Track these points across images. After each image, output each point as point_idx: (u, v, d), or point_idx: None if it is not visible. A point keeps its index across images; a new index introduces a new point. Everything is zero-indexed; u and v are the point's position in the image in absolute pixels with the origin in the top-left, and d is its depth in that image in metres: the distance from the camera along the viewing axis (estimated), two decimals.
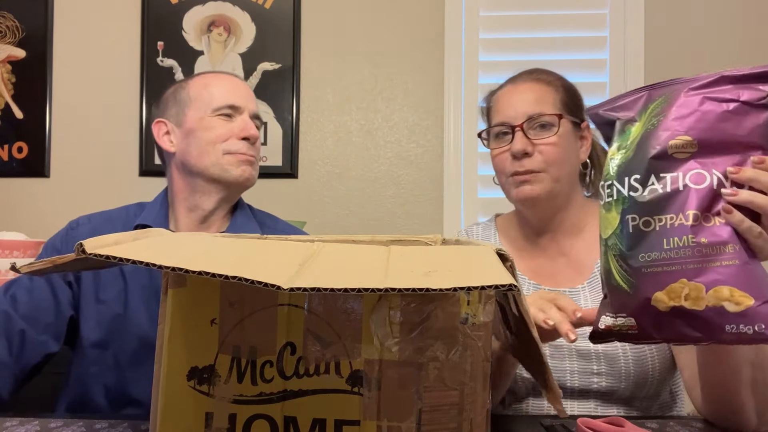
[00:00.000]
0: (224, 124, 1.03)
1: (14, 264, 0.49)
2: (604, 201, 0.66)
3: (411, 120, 1.96)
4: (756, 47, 1.91)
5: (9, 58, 1.98)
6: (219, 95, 1.04)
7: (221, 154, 1.02)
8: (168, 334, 0.49)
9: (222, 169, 1.02)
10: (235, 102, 1.04)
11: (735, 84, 0.62)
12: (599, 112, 0.71)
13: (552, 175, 0.97)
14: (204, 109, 1.03)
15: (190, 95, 1.05)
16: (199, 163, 1.02)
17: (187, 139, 1.04)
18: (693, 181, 0.60)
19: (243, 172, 1.03)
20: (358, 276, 0.40)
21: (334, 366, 0.46)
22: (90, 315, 0.98)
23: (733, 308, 0.57)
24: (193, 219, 1.05)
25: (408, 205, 1.95)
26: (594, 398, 0.92)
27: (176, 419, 0.48)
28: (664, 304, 0.60)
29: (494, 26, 1.93)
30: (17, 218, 1.96)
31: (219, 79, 1.07)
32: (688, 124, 0.61)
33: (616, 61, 1.91)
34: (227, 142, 1.02)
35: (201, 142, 1.02)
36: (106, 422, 0.70)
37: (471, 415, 0.46)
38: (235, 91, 1.06)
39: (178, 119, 1.05)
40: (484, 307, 0.46)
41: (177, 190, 1.06)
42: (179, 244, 0.50)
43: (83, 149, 1.98)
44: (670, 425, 0.73)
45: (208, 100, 1.04)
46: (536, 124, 0.96)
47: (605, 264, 0.66)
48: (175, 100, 1.07)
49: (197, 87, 1.06)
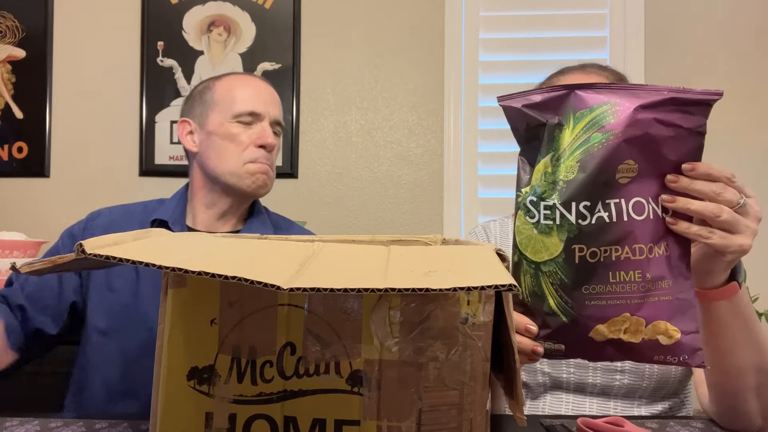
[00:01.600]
0: (243, 130, 1.04)
1: (14, 264, 0.49)
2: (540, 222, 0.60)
3: (411, 120, 1.96)
4: (756, 47, 1.91)
5: (9, 58, 1.98)
6: (241, 101, 1.04)
7: (241, 164, 1.03)
8: (168, 334, 0.49)
9: (238, 179, 1.03)
10: (256, 108, 1.05)
11: (681, 107, 0.59)
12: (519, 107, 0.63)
13: None
14: (225, 113, 1.04)
15: (215, 98, 1.06)
16: (216, 168, 1.04)
17: (207, 141, 1.05)
18: (635, 211, 0.58)
19: (258, 187, 1.05)
20: (358, 276, 0.40)
21: (334, 366, 0.46)
22: (99, 303, 1.00)
23: (665, 341, 0.58)
24: (210, 215, 1.07)
25: (408, 205, 1.95)
26: (614, 397, 0.91)
27: (176, 419, 0.48)
28: (603, 336, 0.59)
29: (494, 26, 1.93)
30: (17, 218, 1.96)
31: (244, 83, 1.07)
32: (637, 148, 0.58)
33: (616, 61, 1.91)
34: (248, 151, 1.03)
35: (220, 148, 1.03)
36: (105, 422, 0.70)
37: (471, 415, 0.46)
38: (257, 96, 1.06)
39: (201, 120, 1.07)
40: (484, 307, 0.46)
41: (197, 187, 1.08)
42: (179, 244, 0.50)
43: (83, 149, 1.98)
44: (670, 425, 0.73)
45: (229, 105, 1.04)
46: None
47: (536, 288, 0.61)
48: (201, 100, 1.08)
49: (222, 90, 1.06)
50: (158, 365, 0.49)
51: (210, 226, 1.08)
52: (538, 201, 0.61)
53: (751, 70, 1.91)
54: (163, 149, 1.96)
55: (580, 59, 1.89)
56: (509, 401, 0.57)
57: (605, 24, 1.91)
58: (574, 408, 0.92)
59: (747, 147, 1.91)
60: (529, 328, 0.62)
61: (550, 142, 0.61)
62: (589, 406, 0.91)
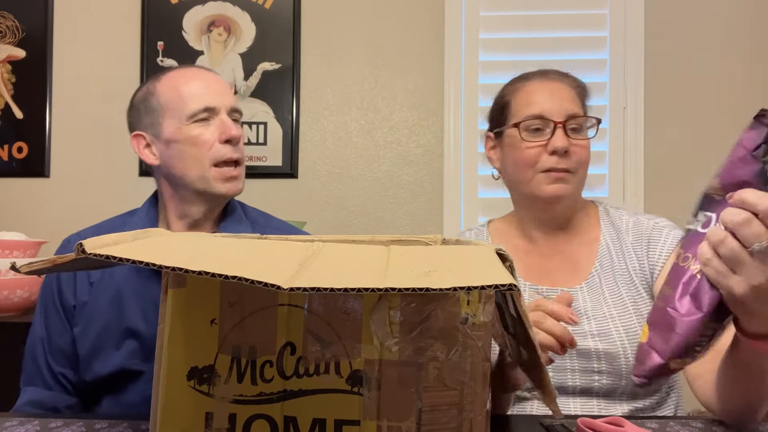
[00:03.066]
0: (204, 129, 0.97)
1: (14, 264, 0.49)
2: None
3: (411, 120, 1.96)
4: (756, 47, 1.91)
5: (9, 58, 1.98)
6: (191, 99, 0.96)
7: (208, 167, 0.97)
8: (168, 334, 0.49)
9: (207, 184, 0.97)
10: (209, 103, 0.97)
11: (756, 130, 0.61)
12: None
13: (580, 177, 0.98)
14: (178, 117, 0.96)
15: (161, 102, 0.98)
16: (184, 176, 0.98)
17: (167, 150, 0.98)
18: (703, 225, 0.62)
19: (228, 189, 0.99)
20: (358, 276, 0.40)
21: (334, 366, 0.46)
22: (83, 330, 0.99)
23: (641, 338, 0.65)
24: (184, 224, 1.03)
25: (408, 205, 1.95)
26: (596, 397, 0.92)
27: (176, 419, 0.48)
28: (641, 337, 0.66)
29: (494, 26, 1.93)
30: (17, 218, 1.96)
31: (186, 78, 0.99)
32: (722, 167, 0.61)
33: (616, 61, 1.91)
34: (212, 151, 0.97)
35: (183, 155, 0.97)
36: (105, 422, 0.70)
37: (471, 415, 0.46)
38: (207, 89, 0.98)
39: (154, 130, 0.99)
40: (484, 307, 0.46)
41: (166, 199, 1.03)
42: (179, 244, 0.50)
43: (83, 149, 1.98)
44: (670, 425, 0.73)
45: (180, 107, 0.96)
46: (574, 124, 0.96)
47: None
48: (147, 109, 1.00)
49: (166, 92, 0.98)
50: (158, 365, 0.49)
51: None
52: None
53: (751, 70, 1.91)
54: None
55: (580, 59, 1.90)
56: (542, 396, 0.58)
57: (605, 24, 1.91)
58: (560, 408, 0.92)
59: None
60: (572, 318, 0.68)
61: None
62: (573, 406, 0.92)
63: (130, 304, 0.98)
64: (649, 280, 0.95)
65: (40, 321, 1.01)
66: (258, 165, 1.94)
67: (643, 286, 0.95)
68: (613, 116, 1.91)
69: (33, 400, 0.97)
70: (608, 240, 1.00)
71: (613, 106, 1.91)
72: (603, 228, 1.02)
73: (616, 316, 0.92)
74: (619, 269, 0.97)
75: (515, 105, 1.00)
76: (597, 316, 0.93)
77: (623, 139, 1.92)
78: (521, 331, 0.52)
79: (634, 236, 0.99)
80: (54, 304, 1.01)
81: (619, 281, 0.96)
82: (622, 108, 1.92)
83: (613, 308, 0.93)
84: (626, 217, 1.02)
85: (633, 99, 1.91)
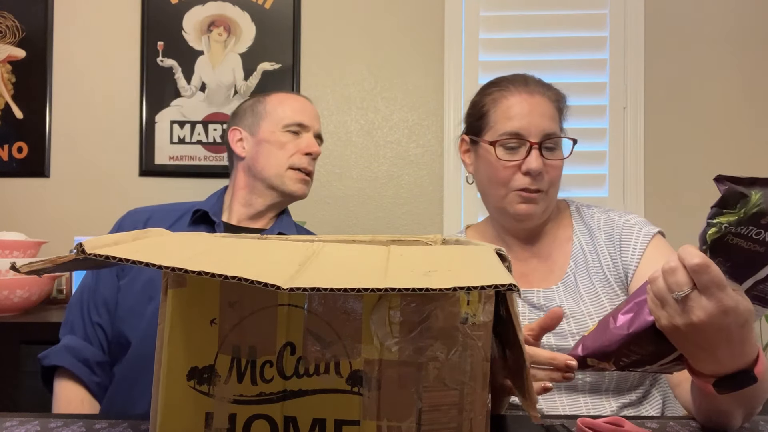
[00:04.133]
0: (292, 139, 1.17)
1: (14, 264, 0.49)
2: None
3: (411, 120, 1.96)
4: (756, 47, 1.91)
5: (9, 58, 1.98)
6: (291, 113, 1.18)
7: (285, 168, 1.16)
8: (168, 334, 0.49)
9: (282, 181, 1.16)
10: (304, 121, 1.18)
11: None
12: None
13: (551, 195, 0.98)
14: (276, 123, 1.17)
15: (267, 109, 1.19)
16: (264, 170, 1.16)
17: (257, 147, 1.17)
18: None
19: (299, 189, 1.18)
20: (358, 276, 0.40)
21: (334, 366, 0.46)
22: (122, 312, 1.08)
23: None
24: (246, 213, 1.18)
25: (408, 205, 1.95)
26: (582, 393, 0.92)
27: (176, 419, 0.48)
28: None
29: (494, 26, 1.93)
30: (17, 218, 1.96)
31: (292, 99, 1.22)
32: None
33: (616, 61, 1.91)
34: (293, 157, 1.16)
35: (270, 153, 1.16)
36: (106, 422, 0.70)
37: (471, 415, 0.46)
38: (304, 111, 1.19)
39: (252, 129, 1.19)
40: (484, 307, 0.46)
41: (238, 187, 1.19)
42: (179, 244, 0.50)
43: (83, 149, 1.98)
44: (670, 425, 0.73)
45: (281, 116, 1.18)
46: (550, 143, 0.96)
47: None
48: (253, 111, 1.21)
49: (273, 103, 1.20)
50: (158, 365, 0.49)
51: (243, 222, 1.19)
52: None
53: (751, 70, 1.91)
54: (163, 149, 1.96)
55: (580, 59, 1.90)
56: (522, 400, 0.57)
57: (605, 24, 1.91)
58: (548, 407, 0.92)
59: (747, 143, 1.91)
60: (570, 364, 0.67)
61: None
62: (560, 402, 0.92)
63: None
64: (624, 280, 0.96)
65: (91, 272, 1.10)
66: None
67: (618, 284, 0.95)
68: (613, 116, 1.91)
69: (70, 345, 1.03)
70: (581, 239, 1.01)
71: (613, 106, 1.91)
72: (575, 227, 1.03)
73: (594, 314, 0.93)
74: (593, 268, 0.97)
75: (494, 117, 0.98)
76: (575, 315, 0.93)
77: (623, 139, 1.92)
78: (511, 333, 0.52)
79: (606, 235, 0.99)
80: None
81: (594, 279, 0.96)
82: (622, 108, 1.92)
83: (590, 306, 0.94)
84: (598, 215, 1.02)
85: (633, 99, 1.91)
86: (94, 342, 1.05)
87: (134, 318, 1.02)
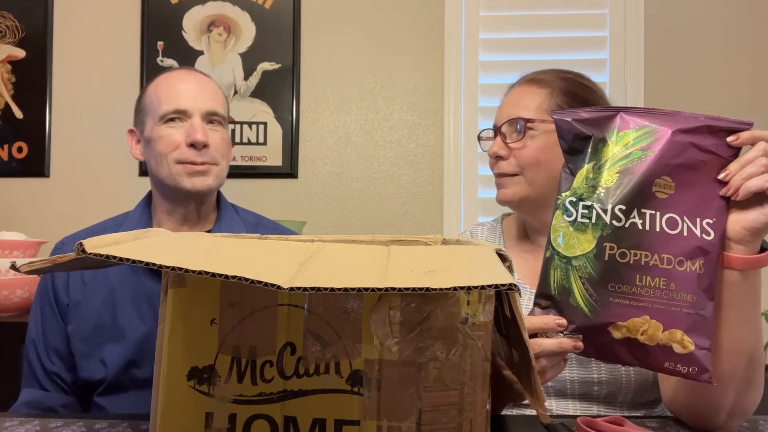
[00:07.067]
0: (173, 131, 0.99)
1: (14, 263, 0.49)
2: (576, 220, 0.67)
3: (411, 120, 1.96)
4: (756, 47, 1.91)
5: (9, 58, 1.98)
6: (164, 101, 0.99)
7: (173, 164, 0.99)
8: (168, 334, 0.49)
9: (174, 181, 0.99)
10: (180, 105, 0.99)
11: (716, 134, 0.65)
12: (570, 120, 0.71)
13: (527, 178, 0.96)
14: (154, 117, 1.00)
15: (146, 102, 1.03)
16: (157, 173, 1.01)
17: (147, 147, 1.03)
18: (668, 225, 0.64)
19: (194, 185, 0.99)
20: (358, 276, 0.40)
21: (334, 366, 0.46)
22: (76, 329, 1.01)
23: (679, 350, 0.63)
24: (174, 221, 1.05)
25: (408, 205, 1.95)
26: (596, 402, 0.91)
27: (176, 419, 0.48)
28: (620, 334, 0.65)
29: (494, 26, 1.93)
30: (17, 218, 1.96)
31: (167, 81, 1.02)
32: (673, 167, 0.65)
33: (616, 61, 1.91)
34: (177, 151, 0.99)
35: (156, 153, 1.00)
36: (105, 422, 0.70)
37: (471, 415, 0.46)
38: (180, 92, 1.00)
39: (141, 128, 1.04)
40: (484, 307, 0.46)
41: (156, 195, 1.06)
42: (179, 244, 0.50)
43: (83, 149, 1.98)
44: (670, 425, 0.73)
45: (156, 107, 1.00)
46: (513, 127, 0.96)
47: (564, 282, 0.67)
48: (139, 107, 1.05)
49: (150, 93, 1.03)
50: (158, 365, 0.49)
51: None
52: (577, 201, 0.68)
53: (751, 70, 1.91)
54: None
55: (580, 59, 1.90)
56: (530, 399, 0.57)
57: (605, 24, 1.91)
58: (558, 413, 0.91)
59: None
60: (559, 323, 0.66)
61: (594, 153, 0.69)
62: (572, 407, 0.91)
63: (124, 303, 0.98)
64: None
65: (36, 321, 1.02)
66: (258, 165, 1.94)
67: None
68: None
69: (29, 400, 0.98)
70: None
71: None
72: None
73: None
74: None
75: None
76: None
77: None
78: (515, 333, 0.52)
79: None
80: (49, 304, 1.01)
81: None
82: None
83: None
84: None
85: (633, 99, 1.91)
86: (52, 389, 0.99)
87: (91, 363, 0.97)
